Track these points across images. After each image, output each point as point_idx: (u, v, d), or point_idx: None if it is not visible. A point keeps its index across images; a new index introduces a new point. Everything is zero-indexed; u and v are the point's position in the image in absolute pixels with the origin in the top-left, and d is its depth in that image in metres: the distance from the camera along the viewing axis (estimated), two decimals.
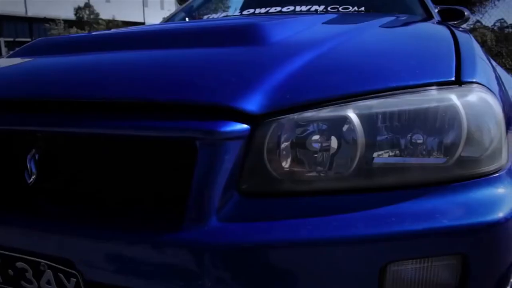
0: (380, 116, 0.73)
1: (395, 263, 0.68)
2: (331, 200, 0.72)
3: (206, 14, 2.42)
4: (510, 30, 11.52)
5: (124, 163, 0.83)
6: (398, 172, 0.74)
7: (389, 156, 0.74)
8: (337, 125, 0.73)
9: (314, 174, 0.73)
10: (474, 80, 0.81)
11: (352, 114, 0.72)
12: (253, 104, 0.72)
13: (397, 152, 0.74)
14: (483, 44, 10.07)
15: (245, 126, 0.71)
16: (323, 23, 1.27)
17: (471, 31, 10.60)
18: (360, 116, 0.72)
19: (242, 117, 0.71)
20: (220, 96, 0.74)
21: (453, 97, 0.75)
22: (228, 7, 3.22)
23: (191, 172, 0.71)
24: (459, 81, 0.79)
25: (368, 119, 0.73)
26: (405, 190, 0.73)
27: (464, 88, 0.78)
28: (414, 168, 0.74)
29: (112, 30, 1.51)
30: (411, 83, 0.77)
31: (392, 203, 0.71)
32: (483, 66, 0.94)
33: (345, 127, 0.72)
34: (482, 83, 0.82)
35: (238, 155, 0.71)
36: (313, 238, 0.67)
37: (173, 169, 0.78)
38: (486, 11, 9.99)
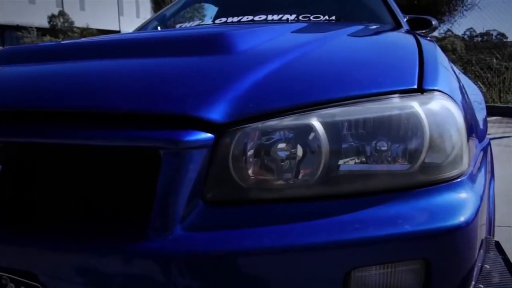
0: (343, 124, 0.74)
1: (359, 269, 0.68)
2: (296, 207, 0.73)
3: (179, 22, 2.41)
4: (479, 39, 11.91)
5: (90, 173, 0.82)
6: (362, 179, 0.75)
7: (353, 163, 0.75)
8: (301, 133, 0.73)
9: (279, 182, 0.74)
10: (435, 88, 0.83)
11: (315, 122, 0.73)
12: (217, 113, 0.72)
13: (362, 159, 0.75)
14: (453, 52, 10.37)
15: (209, 135, 0.71)
16: (292, 32, 1.29)
17: (442, 39, 10.91)
18: (323, 124, 0.73)
19: (206, 126, 0.71)
20: (184, 106, 0.74)
21: (415, 105, 0.77)
22: (202, 16, 3.22)
23: (155, 181, 0.70)
24: (421, 89, 0.81)
25: (331, 127, 0.73)
26: (369, 197, 0.74)
27: (426, 95, 0.80)
28: (379, 175, 0.75)
29: (81, 39, 1.49)
30: (374, 91, 0.79)
31: (356, 210, 0.71)
32: (445, 74, 0.96)
33: (309, 135, 0.73)
34: (443, 90, 0.83)
35: (203, 164, 0.71)
36: (278, 245, 0.67)
37: (138, 178, 0.77)
38: (455, 21, 10.29)
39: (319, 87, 0.80)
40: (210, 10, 2.87)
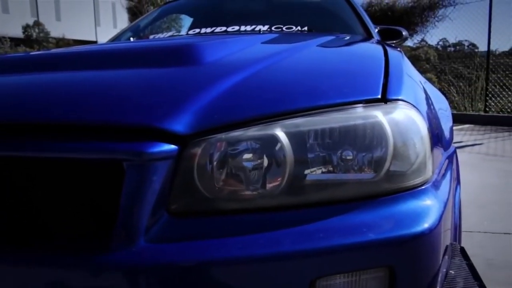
0: (307, 134, 0.75)
1: (323, 278, 0.69)
2: (262, 217, 0.73)
3: (153, 33, 2.40)
4: (452, 49, 12.23)
5: (55, 185, 0.81)
6: (328, 188, 0.75)
7: (319, 172, 0.75)
8: (265, 143, 0.73)
9: (244, 192, 0.73)
10: (399, 97, 0.84)
11: (279, 133, 0.73)
12: (181, 124, 0.72)
13: (327, 168, 0.75)
14: (427, 61, 10.62)
15: (172, 146, 0.71)
16: (262, 43, 1.30)
17: (416, 49, 11.17)
18: (288, 134, 0.73)
19: (170, 137, 0.71)
20: (148, 117, 0.73)
21: (378, 114, 0.78)
22: (179, 27, 3.22)
23: (119, 193, 0.69)
24: (384, 99, 0.82)
25: (296, 137, 0.74)
26: (335, 206, 0.74)
27: (389, 105, 0.81)
28: (344, 184, 0.76)
29: (50, 50, 1.47)
30: (338, 101, 0.80)
31: (321, 219, 0.72)
32: (410, 84, 0.98)
33: (273, 146, 0.73)
34: (407, 100, 0.85)
35: (167, 175, 0.70)
36: (242, 256, 0.67)
37: (103, 190, 0.76)
38: (427, 31, 10.55)
39: (284, 97, 0.81)
40: (187, 21, 2.88)
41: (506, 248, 2.15)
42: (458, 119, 7.50)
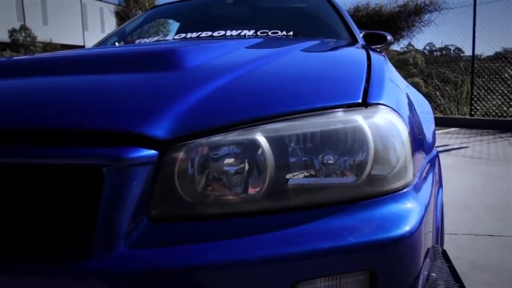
0: (288, 139, 0.75)
1: (304, 282, 0.69)
2: (243, 222, 0.72)
3: (139, 38, 2.40)
4: (438, 53, 12.38)
5: (35, 191, 0.80)
6: (309, 192, 0.75)
7: (299, 177, 0.75)
8: (246, 148, 0.74)
9: (225, 197, 0.73)
10: (380, 101, 0.85)
11: (260, 137, 0.73)
12: (160, 129, 0.72)
13: (308, 173, 0.76)
14: (415, 66, 10.74)
15: (152, 151, 0.70)
16: (246, 48, 1.30)
17: (404, 53, 11.29)
18: (268, 139, 0.74)
19: (149, 142, 0.71)
20: (128, 123, 0.73)
21: (358, 119, 0.79)
22: (167, 31, 3.22)
23: (99, 199, 0.69)
24: (365, 103, 0.83)
25: (276, 142, 0.74)
26: (316, 210, 0.74)
27: (370, 109, 0.82)
28: (325, 188, 0.76)
29: (33, 55, 1.46)
30: (319, 105, 0.80)
31: (302, 223, 0.72)
32: (391, 88, 0.99)
33: (253, 150, 0.73)
34: (388, 104, 0.86)
35: (147, 180, 0.70)
36: (223, 260, 0.67)
37: (83, 196, 0.75)
38: (414, 36, 10.67)
39: (264, 102, 0.81)
40: (175, 25, 2.88)
41: (490, 249, 2.17)
42: (444, 122, 7.60)
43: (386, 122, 0.82)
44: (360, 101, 0.83)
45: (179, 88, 0.84)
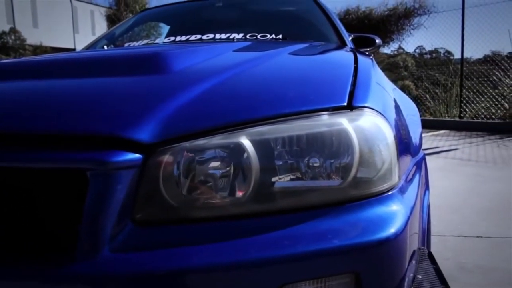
0: (272, 142, 0.75)
1: (290, 284, 0.69)
2: (228, 225, 0.72)
3: (129, 41, 2.39)
4: (428, 56, 12.49)
5: (19, 196, 0.79)
6: (295, 195, 0.76)
7: (285, 180, 0.75)
8: (231, 151, 0.74)
9: (210, 200, 0.73)
10: (365, 104, 0.85)
11: (245, 141, 0.73)
12: (145, 133, 0.72)
13: (294, 176, 0.76)
14: (405, 68, 10.82)
15: (137, 155, 0.70)
16: (234, 51, 1.30)
17: (394, 56, 11.37)
18: (253, 142, 0.74)
19: (134, 146, 0.71)
20: (112, 126, 0.73)
21: (343, 121, 0.79)
22: (158, 34, 3.21)
23: (83, 203, 0.69)
24: (350, 106, 0.83)
25: (261, 145, 0.74)
26: (302, 213, 0.75)
27: (355, 112, 0.82)
28: (311, 191, 0.76)
29: (19, 58, 1.45)
30: (304, 108, 0.80)
31: (287, 226, 0.72)
32: (378, 91, 1.00)
33: (238, 153, 0.73)
34: (373, 107, 0.86)
35: (131, 184, 0.70)
36: (208, 264, 0.67)
37: (67, 200, 0.75)
38: (403, 39, 10.76)
39: (249, 105, 0.81)
40: (166, 29, 2.87)
41: (478, 251, 2.19)
42: (434, 125, 7.66)
43: (371, 125, 0.82)
44: (345, 104, 0.84)
45: (164, 92, 0.84)
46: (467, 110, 8.14)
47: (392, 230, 0.75)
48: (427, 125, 7.60)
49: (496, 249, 2.20)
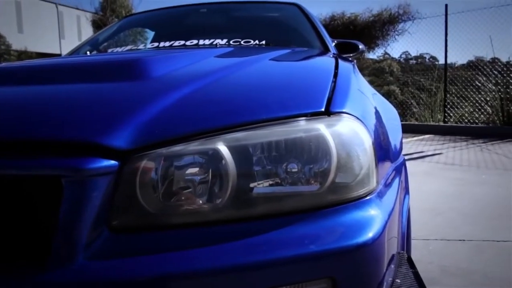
0: (250, 148, 0.75)
1: None
2: (205, 231, 0.72)
3: (112, 47, 2.38)
4: (413, 61, 12.64)
5: None
6: (273, 201, 0.76)
7: (263, 186, 0.76)
8: (207, 158, 0.74)
9: (187, 207, 0.73)
10: (343, 110, 0.86)
11: (221, 147, 0.74)
12: (121, 139, 0.71)
13: (272, 181, 0.76)
14: (391, 74, 10.94)
15: (112, 162, 0.70)
16: (215, 57, 1.30)
17: (380, 62, 11.48)
18: (229, 148, 0.74)
19: (109, 153, 0.70)
20: (87, 133, 0.72)
21: (321, 127, 0.79)
22: (144, 40, 3.20)
23: (58, 210, 0.68)
24: (328, 112, 0.84)
25: (237, 151, 0.74)
26: (279, 218, 0.75)
27: (332, 118, 0.83)
28: (289, 196, 0.76)
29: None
30: (281, 114, 0.80)
31: (264, 232, 0.72)
32: (356, 96, 1.00)
33: (215, 160, 0.73)
34: (351, 113, 0.87)
35: (107, 191, 0.70)
36: (185, 270, 0.67)
37: (42, 208, 0.74)
38: (388, 44, 10.88)
39: (226, 111, 0.81)
40: (152, 34, 2.86)
41: (461, 254, 2.21)
42: (419, 129, 7.75)
43: (349, 131, 0.83)
44: (323, 109, 0.84)
45: (141, 98, 0.84)
46: (451, 114, 8.25)
47: (369, 234, 0.75)
48: (412, 130, 7.68)
49: (478, 252, 2.23)
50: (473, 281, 1.90)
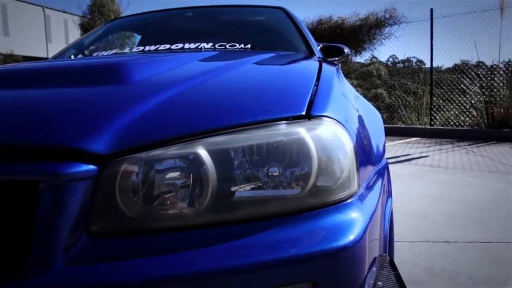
0: (230, 152, 0.75)
1: None
2: (185, 235, 0.72)
3: (97, 51, 2.36)
4: (401, 65, 12.78)
5: None
6: (254, 205, 0.76)
7: (243, 190, 0.75)
8: (187, 162, 0.73)
9: (168, 211, 0.73)
10: (324, 114, 0.86)
11: (201, 151, 0.73)
12: (100, 144, 0.71)
13: (252, 185, 0.76)
14: (379, 77, 11.04)
15: (91, 166, 0.69)
16: (199, 60, 1.30)
17: (368, 65, 11.58)
18: (209, 152, 0.74)
19: (88, 157, 0.70)
20: (66, 137, 0.72)
21: (301, 131, 0.80)
22: (132, 43, 3.18)
23: (35, 215, 0.67)
24: (309, 115, 0.84)
25: (218, 155, 0.74)
26: (259, 222, 0.75)
27: (313, 122, 0.83)
28: (270, 200, 0.76)
29: None
30: (261, 118, 0.81)
31: (245, 236, 0.72)
32: (338, 100, 1.01)
33: (194, 164, 0.73)
34: (332, 116, 0.87)
35: (86, 196, 0.69)
36: (164, 275, 0.66)
37: (20, 214, 0.73)
38: (375, 48, 10.98)
39: (206, 116, 0.81)
40: (136, 38, 2.85)
41: (446, 255, 2.23)
42: (406, 132, 7.83)
43: (329, 134, 0.83)
44: (304, 113, 0.84)
45: (122, 102, 0.83)
46: (437, 117, 8.35)
47: (350, 237, 0.76)
48: (399, 133, 7.76)
49: (462, 254, 2.25)
50: (458, 282, 1.92)
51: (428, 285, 1.90)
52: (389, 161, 1.41)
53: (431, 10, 8.43)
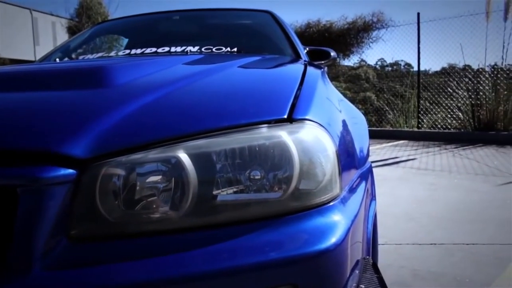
0: (211, 155, 0.75)
1: None
2: (166, 239, 0.72)
3: (83, 54, 2.35)
4: (389, 68, 12.88)
5: None
6: (235, 208, 0.76)
7: (225, 193, 0.75)
8: (168, 166, 0.73)
9: (148, 215, 0.73)
10: (306, 117, 0.86)
11: (182, 154, 0.73)
12: (79, 148, 0.70)
13: (234, 189, 0.76)
14: (367, 80, 11.11)
15: (70, 170, 0.69)
16: (183, 64, 1.30)
17: (356, 69, 11.66)
18: (190, 156, 0.74)
19: (67, 161, 0.69)
20: (45, 141, 0.71)
21: (282, 134, 0.80)
22: (120, 46, 3.16)
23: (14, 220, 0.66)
24: (290, 119, 0.85)
25: (198, 159, 0.74)
26: (241, 226, 0.75)
27: (295, 125, 0.83)
28: (251, 204, 0.76)
29: None
30: (243, 122, 0.81)
31: (226, 240, 0.72)
32: (321, 103, 1.01)
33: (175, 168, 0.73)
34: (314, 119, 0.87)
35: (65, 200, 0.68)
36: (145, 280, 0.66)
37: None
38: (363, 51, 11.06)
39: (187, 119, 0.81)
40: (124, 42, 2.83)
41: (432, 258, 2.25)
42: (394, 135, 7.89)
43: (311, 138, 0.83)
44: (285, 117, 0.85)
45: (103, 106, 0.83)
46: (425, 120, 8.43)
47: (331, 240, 0.76)
48: (387, 136, 7.81)
49: (448, 256, 2.27)
50: (443, 284, 1.94)
51: (413, 286, 1.92)
52: (377, 164, 1.42)
53: (418, 14, 8.52)
